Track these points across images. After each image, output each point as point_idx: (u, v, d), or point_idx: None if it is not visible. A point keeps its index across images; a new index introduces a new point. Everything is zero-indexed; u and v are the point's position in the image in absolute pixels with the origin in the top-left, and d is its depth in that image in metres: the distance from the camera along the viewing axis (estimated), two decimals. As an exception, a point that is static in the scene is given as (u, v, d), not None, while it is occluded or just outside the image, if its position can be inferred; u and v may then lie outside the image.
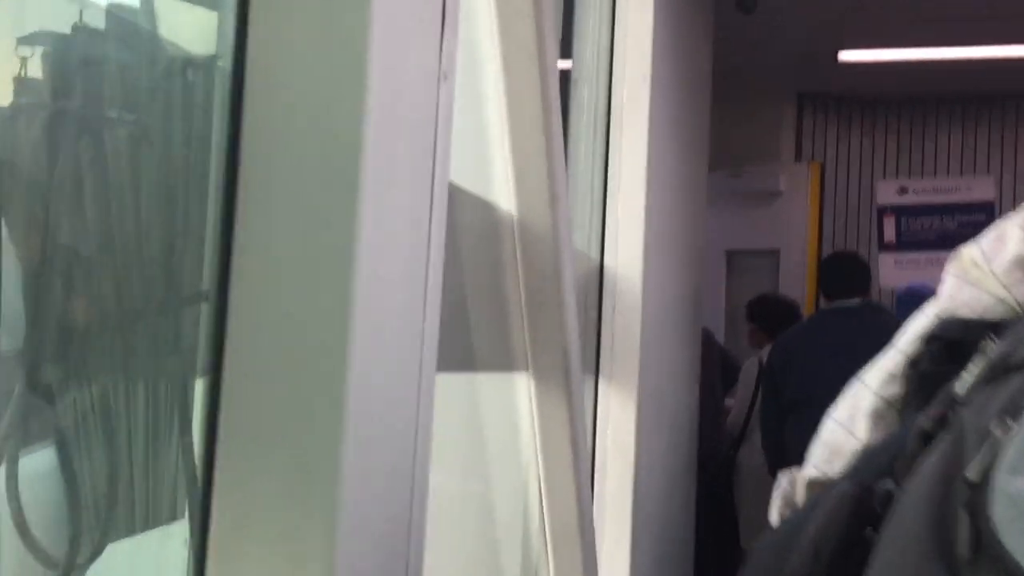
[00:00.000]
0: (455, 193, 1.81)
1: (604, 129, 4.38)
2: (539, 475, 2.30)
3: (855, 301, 5.19)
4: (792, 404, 5.01)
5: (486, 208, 2.41)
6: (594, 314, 4.33)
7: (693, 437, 5.42)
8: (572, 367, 2.30)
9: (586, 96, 4.35)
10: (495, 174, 2.48)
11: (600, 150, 4.36)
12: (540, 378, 2.31)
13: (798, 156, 9.24)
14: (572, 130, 4.26)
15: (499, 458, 2.51)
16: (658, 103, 4.49)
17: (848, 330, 4.90)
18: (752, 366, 5.88)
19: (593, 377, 4.36)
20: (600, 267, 4.37)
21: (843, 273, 5.38)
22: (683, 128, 5.22)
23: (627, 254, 4.41)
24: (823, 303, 5.66)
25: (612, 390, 4.35)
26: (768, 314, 6.06)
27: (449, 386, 1.85)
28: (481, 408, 2.51)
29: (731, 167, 8.46)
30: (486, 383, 2.48)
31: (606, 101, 4.38)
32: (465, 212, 2.17)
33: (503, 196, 2.40)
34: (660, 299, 4.76)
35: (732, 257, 8.67)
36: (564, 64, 3.56)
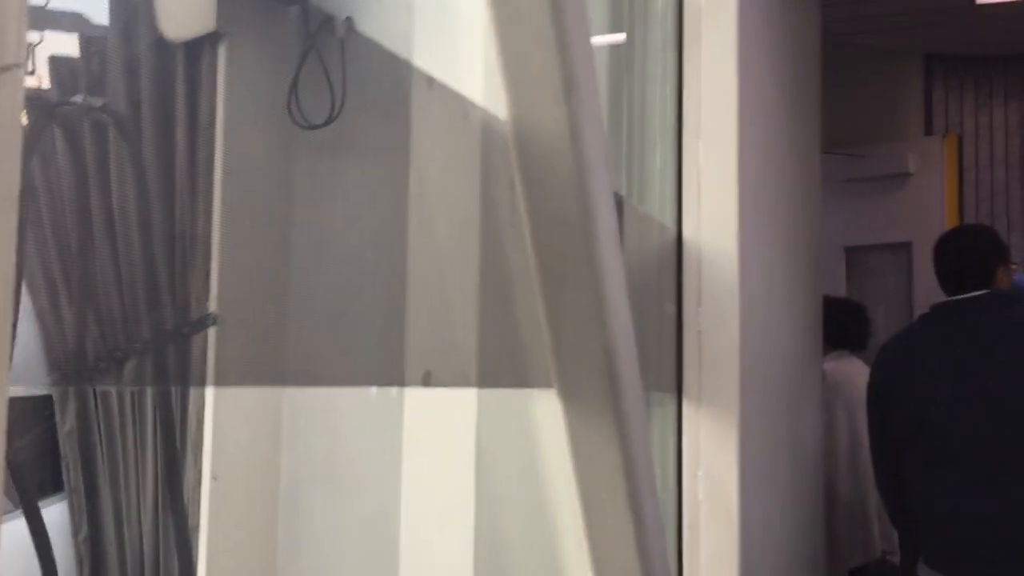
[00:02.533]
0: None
1: (674, 39, 3.15)
2: (585, 546, 1.76)
3: (980, 292, 3.76)
4: (907, 435, 3.71)
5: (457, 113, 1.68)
6: (672, 307, 3.05)
7: (818, 483, 4.08)
8: (622, 380, 1.66)
9: (647, -2, 3.16)
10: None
11: (671, 69, 3.13)
12: (571, 399, 1.69)
13: (928, 130, 7.85)
14: (636, 45, 3.08)
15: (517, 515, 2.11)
16: (750, 7, 3.23)
17: (974, 332, 3.56)
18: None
19: (674, 398, 3.09)
20: (677, 240, 3.09)
21: (962, 257, 3.96)
22: (785, 65, 3.96)
23: (716, 223, 3.13)
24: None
25: (703, 417, 3.08)
26: (827, 318, 4.95)
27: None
28: (483, 442, 2.10)
29: (846, 147, 7.22)
30: (487, 403, 2.08)
31: (677, 4, 3.17)
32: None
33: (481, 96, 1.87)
34: (766, 287, 3.48)
35: (852, 254, 7.38)
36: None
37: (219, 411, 2.41)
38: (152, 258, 2.41)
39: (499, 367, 2.27)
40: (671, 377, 3.00)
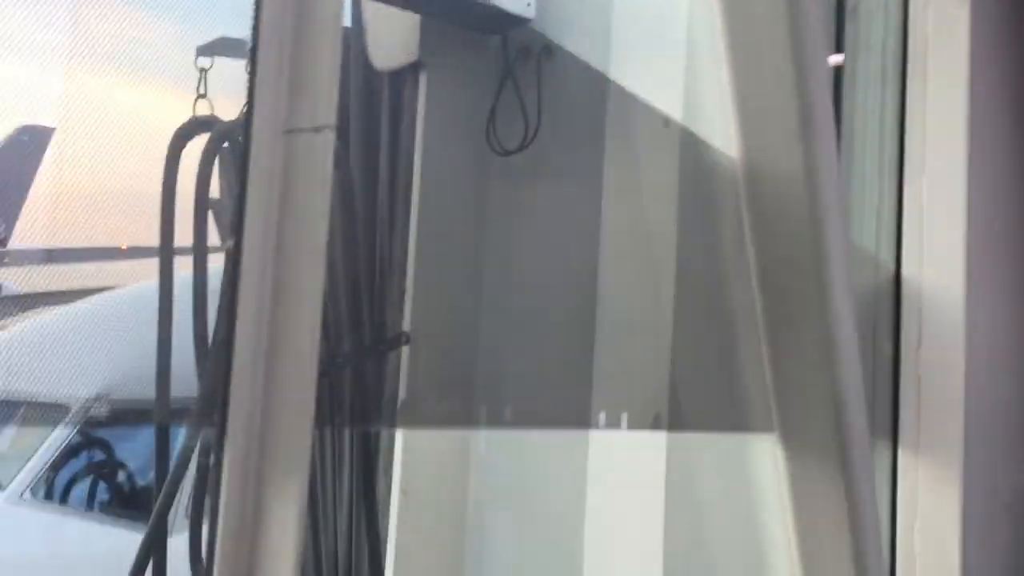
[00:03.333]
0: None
1: (898, 72, 2.99)
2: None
3: None
4: None
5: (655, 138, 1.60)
6: (887, 347, 2.85)
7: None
8: (851, 430, 1.66)
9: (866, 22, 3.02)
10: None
11: (891, 100, 2.96)
12: (793, 445, 1.68)
13: None
14: (847, 72, 2.94)
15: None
16: (983, 31, 3.01)
17: None
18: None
19: (889, 446, 2.87)
20: (895, 279, 2.89)
21: None
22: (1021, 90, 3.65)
23: (940, 261, 2.92)
24: None
25: (921, 466, 2.84)
26: None
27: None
28: (674, 481, 2.04)
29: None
30: (700, 451, 2.06)
31: (900, 30, 3.01)
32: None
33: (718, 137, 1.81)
34: (994, 334, 3.17)
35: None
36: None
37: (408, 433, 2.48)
38: (355, 277, 2.53)
39: (706, 410, 2.20)
40: (886, 422, 2.80)
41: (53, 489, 3.57)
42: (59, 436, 3.56)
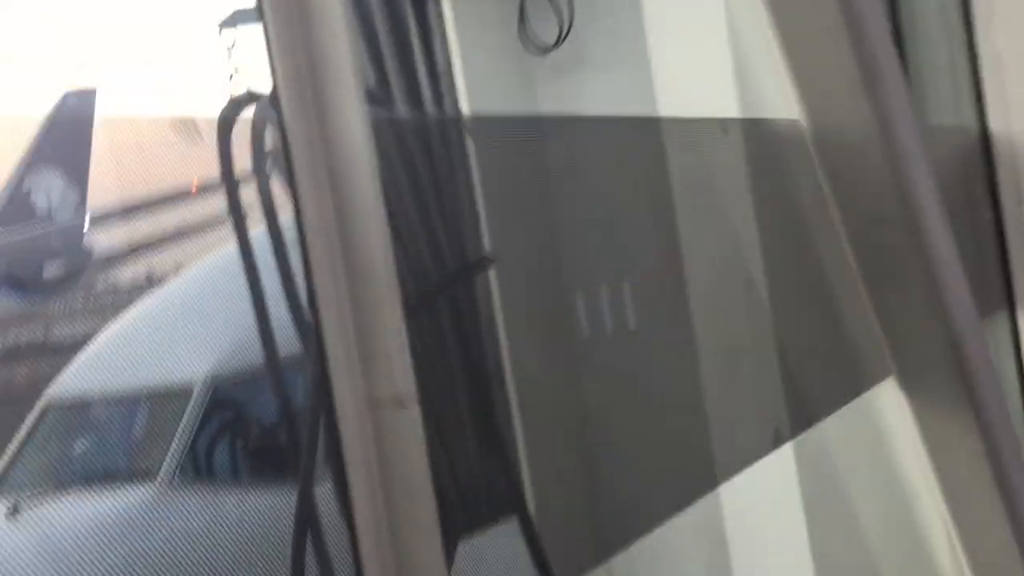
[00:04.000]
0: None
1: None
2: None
3: None
4: None
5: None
6: (987, 213, 2.72)
7: None
8: (973, 367, 1.58)
9: None
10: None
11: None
12: (918, 396, 1.64)
13: None
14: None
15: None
16: None
17: None
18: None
19: (1006, 315, 2.77)
20: (983, 138, 2.75)
21: None
22: None
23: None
24: None
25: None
26: None
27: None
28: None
29: None
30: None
31: None
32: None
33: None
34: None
35: None
36: None
37: (514, 345, 2.50)
38: (425, 211, 2.52)
39: (821, 394, 2.16)
40: (998, 290, 2.68)
41: (199, 468, 3.74)
42: (190, 418, 3.71)
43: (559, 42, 2.34)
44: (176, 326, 4.33)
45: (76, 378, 4.48)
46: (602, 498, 2.43)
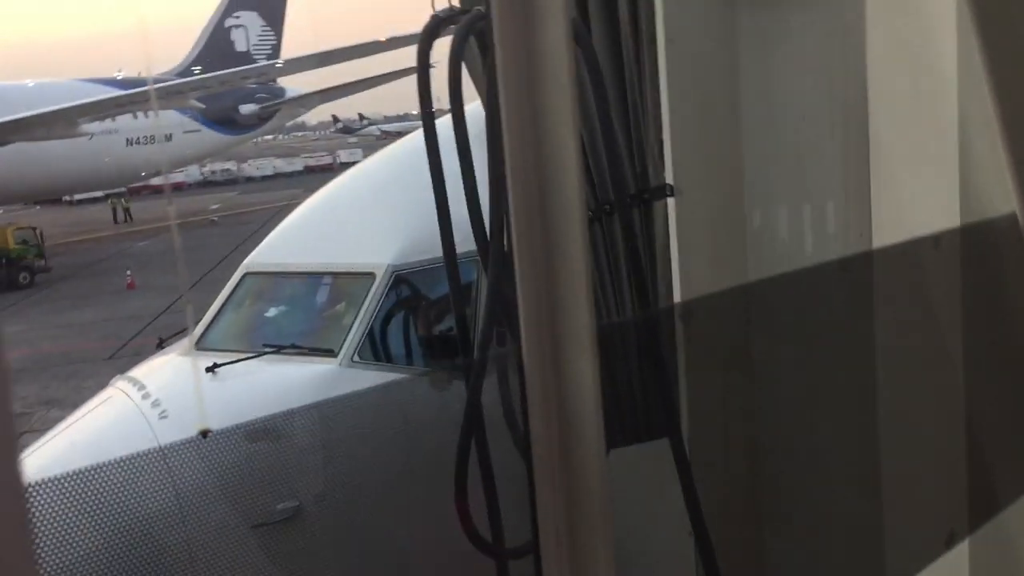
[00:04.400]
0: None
1: None
2: None
3: None
4: None
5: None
6: None
7: None
8: None
9: None
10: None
11: None
12: None
13: None
14: None
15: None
16: None
17: None
18: None
19: None
20: None
21: None
22: None
23: None
24: None
25: None
26: None
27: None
28: None
29: None
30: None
31: None
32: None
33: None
34: None
35: None
36: None
37: (685, 274, 2.52)
38: (613, 135, 2.53)
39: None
40: None
41: (377, 350, 3.99)
42: (371, 302, 3.94)
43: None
44: (365, 210, 4.55)
45: (272, 250, 4.79)
46: (756, 450, 2.47)
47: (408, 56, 2.48)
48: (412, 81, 2.38)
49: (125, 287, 18.60)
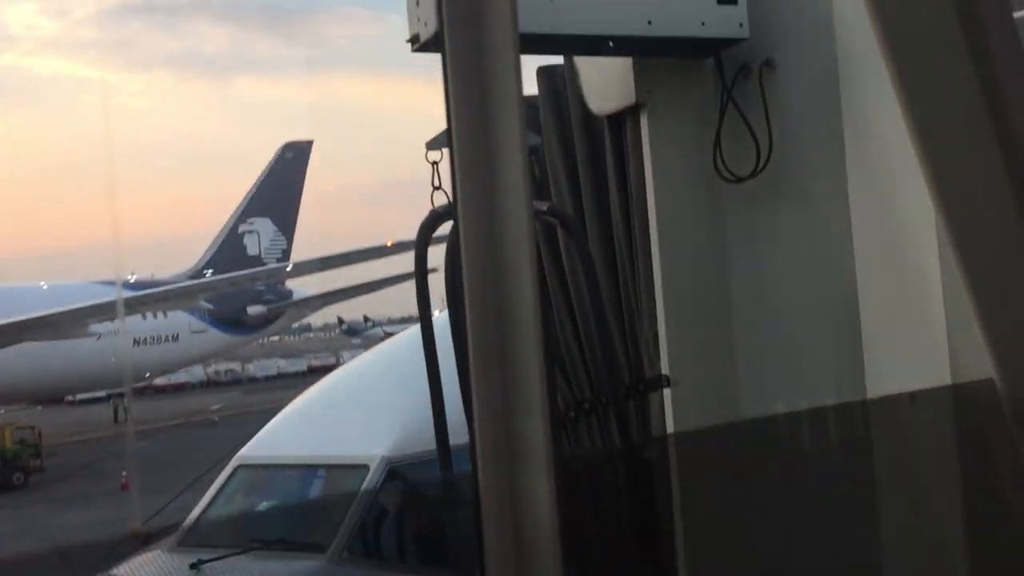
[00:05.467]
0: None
1: None
2: None
3: None
4: None
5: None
6: None
7: None
8: None
9: None
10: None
11: None
12: None
13: None
14: None
15: None
16: None
17: None
18: None
19: None
20: None
21: None
22: None
23: None
24: None
25: None
26: None
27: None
28: None
29: None
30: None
31: None
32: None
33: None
34: None
35: None
36: None
37: (682, 462, 2.48)
38: (606, 326, 2.56)
39: None
40: None
41: (368, 546, 3.88)
42: (364, 495, 3.87)
43: (755, 173, 2.34)
44: (359, 403, 4.53)
45: (265, 441, 4.75)
46: None
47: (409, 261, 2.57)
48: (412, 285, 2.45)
49: (119, 488, 18.31)
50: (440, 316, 2.42)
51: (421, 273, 2.47)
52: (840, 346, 2.37)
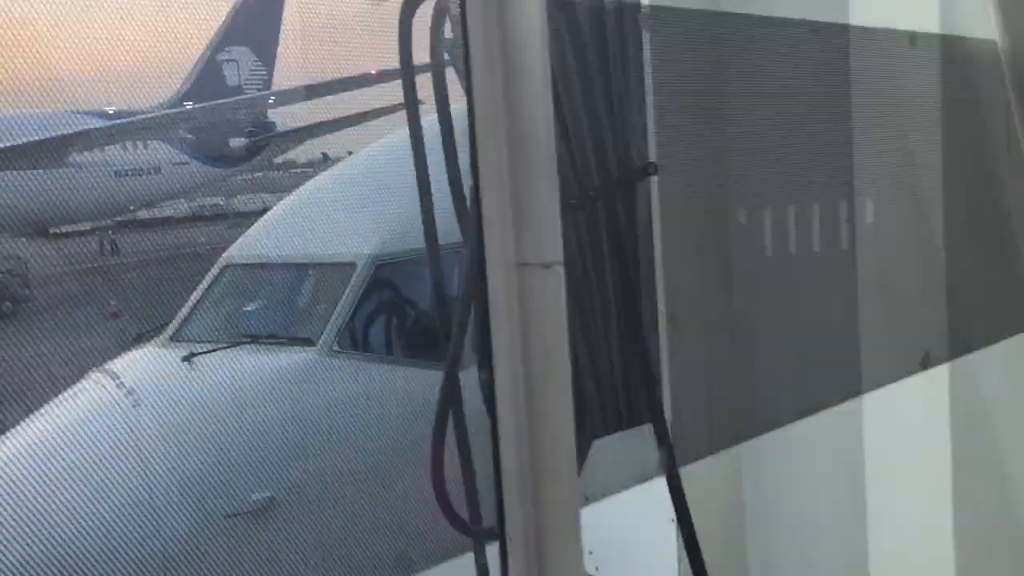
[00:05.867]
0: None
1: None
2: None
3: None
4: None
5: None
6: None
7: None
8: None
9: None
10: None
11: None
12: None
13: None
14: None
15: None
16: None
17: None
18: None
19: None
20: None
21: None
22: None
23: None
24: None
25: None
26: None
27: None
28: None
29: None
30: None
31: None
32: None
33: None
34: None
35: None
36: None
37: (668, 253, 2.51)
38: (596, 116, 2.53)
39: (995, 316, 2.09)
40: None
41: (356, 339, 3.96)
42: (352, 291, 3.91)
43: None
44: (347, 203, 4.55)
45: (253, 243, 4.81)
46: (738, 400, 2.44)
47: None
48: (404, 117, 2.38)
49: (109, 315, 18.58)
50: (431, 116, 2.38)
51: (406, 57, 2.42)
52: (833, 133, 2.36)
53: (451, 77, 2.29)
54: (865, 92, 2.14)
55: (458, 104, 2.25)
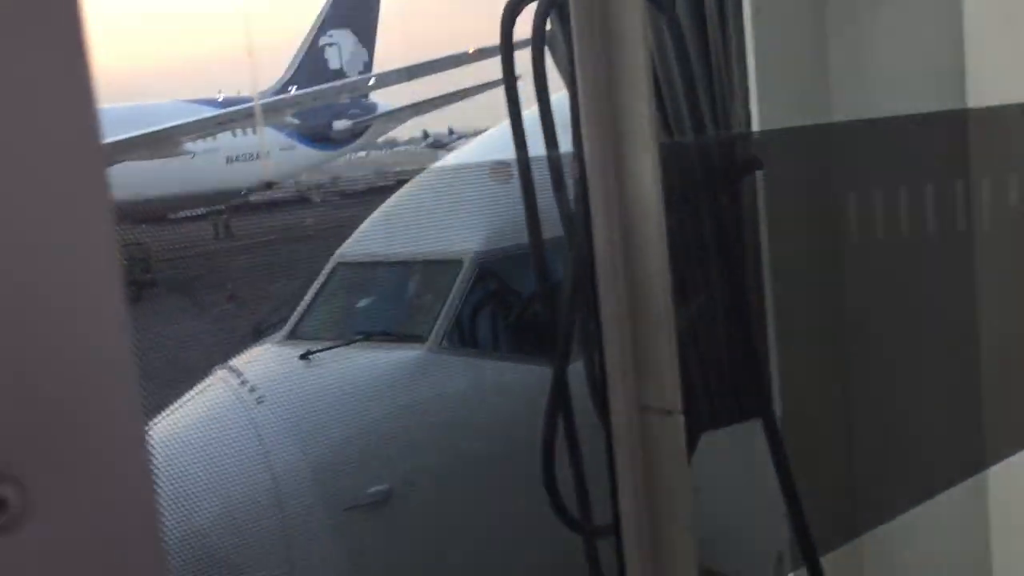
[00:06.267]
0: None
1: None
2: None
3: None
4: None
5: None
6: None
7: None
8: None
9: None
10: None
11: None
12: None
13: None
14: None
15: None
16: None
17: None
18: None
19: None
20: None
21: None
22: None
23: None
24: None
25: None
26: None
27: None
28: None
29: None
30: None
31: None
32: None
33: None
34: None
35: None
36: None
37: (776, 251, 2.47)
38: (699, 115, 2.52)
39: None
40: None
41: (464, 336, 4.04)
42: (459, 288, 3.99)
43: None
44: (450, 202, 4.61)
45: (364, 240, 4.92)
46: (851, 407, 2.42)
47: (498, 68, 2.51)
48: (502, 94, 2.41)
49: (225, 299, 19.23)
50: (531, 110, 2.40)
51: (507, 60, 2.44)
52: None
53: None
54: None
55: (555, 96, 2.27)
